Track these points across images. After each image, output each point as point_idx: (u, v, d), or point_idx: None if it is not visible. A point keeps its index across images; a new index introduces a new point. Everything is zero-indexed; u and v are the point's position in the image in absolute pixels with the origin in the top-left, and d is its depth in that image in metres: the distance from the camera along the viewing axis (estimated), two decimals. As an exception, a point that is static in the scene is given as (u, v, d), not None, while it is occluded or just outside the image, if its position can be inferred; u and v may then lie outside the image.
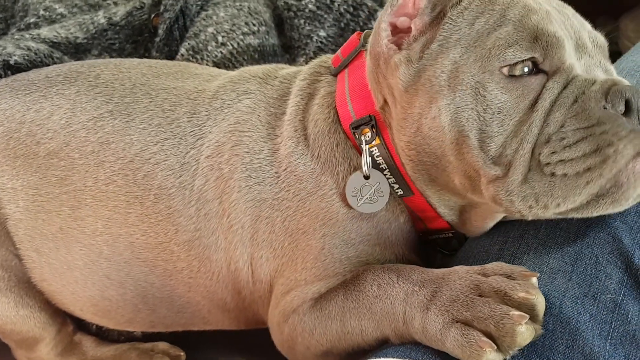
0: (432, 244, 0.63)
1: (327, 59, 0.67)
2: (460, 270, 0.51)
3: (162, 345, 0.76)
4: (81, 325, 0.79)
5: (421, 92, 0.53)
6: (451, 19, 0.53)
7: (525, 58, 0.49)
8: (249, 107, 0.64)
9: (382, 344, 0.55)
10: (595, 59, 0.52)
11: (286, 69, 0.69)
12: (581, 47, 0.52)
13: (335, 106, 0.61)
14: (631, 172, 0.46)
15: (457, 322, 0.47)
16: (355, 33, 0.63)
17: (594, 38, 0.54)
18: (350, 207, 0.58)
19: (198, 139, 0.64)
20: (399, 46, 0.55)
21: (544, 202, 0.48)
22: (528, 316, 0.45)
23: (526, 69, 0.49)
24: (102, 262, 0.66)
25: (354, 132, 0.59)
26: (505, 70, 0.49)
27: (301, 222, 0.59)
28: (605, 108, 0.47)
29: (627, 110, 0.47)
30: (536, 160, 0.48)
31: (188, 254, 0.63)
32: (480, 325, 0.46)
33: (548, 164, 0.47)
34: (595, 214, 0.48)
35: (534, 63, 0.50)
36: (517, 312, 0.45)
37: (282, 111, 0.63)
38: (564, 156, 0.47)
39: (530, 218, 0.49)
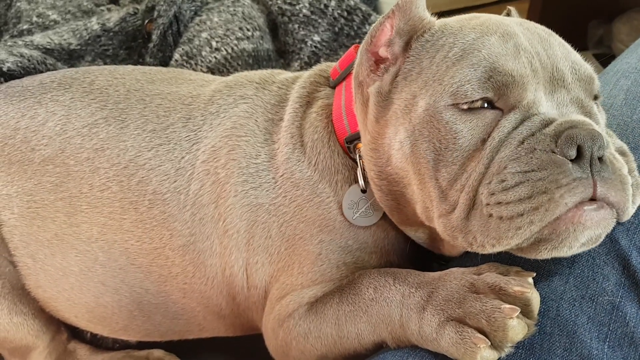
0: (428, 254, 0.63)
1: (327, 67, 0.67)
2: (456, 271, 0.51)
3: (157, 352, 0.75)
4: (75, 333, 0.78)
5: (390, 123, 0.53)
6: (415, 51, 0.53)
7: (476, 98, 0.48)
8: (246, 112, 0.64)
9: (378, 349, 0.54)
10: (572, 94, 0.50)
11: (283, 75, 0.69)
12: (557, 80, 0.49)
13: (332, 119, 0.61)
14: (570, 221, 0.44)
15: (452, 320, 0.47)
16: (353, 46, 0.63)
17: (578, 70, 0.51)
18: None
19: (193, 144, 0.64)
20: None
21: (481, 240, 0.47)
22: (519, 309, 0.45)
23: (486, 105, 0.49)
24: (98, 268, 0.66)
25: (348, 147, 0.59)
26: (462, 105, 0.49)
27: (298, 228, 0.59)
28: (554, 152, 0.45)
29: (578, 157, 0.44)
30: (479, 199, 0.47)
31: (183, 259, 0.63)
32: (472, 321, 0.46)
33: (488, 204, 0.46)
34: (539, 257, 0.46)
35: (490, 101, 0.49)
36: (508, 306, 0.45)
37: (280, 117, 0.63)
38: (501, 198, 0.45)
39: (480, 252, 0.48)
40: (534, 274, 0.48)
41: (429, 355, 0.49)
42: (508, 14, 0.63)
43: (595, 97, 0.53)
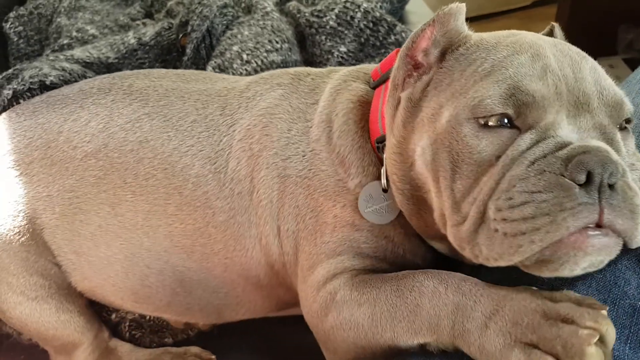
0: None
1: (367, 68, 0.69)
2: (525, 291, 0.49)
3: (194, 349, 0.78)
4: (115, 333, 0.81)
5: (416, 129, 0.55)
6: (448, 62, 0.54)
7: (495, 114, 0.49)
8: (281, 95, 0.67)
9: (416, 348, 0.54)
10: (596, 119, 0.49)
11: (317, 69, 0.72)
12: (582, 104, 0.49)
13: (368, 117, 0.63)
14: (571, 246, 0.44)
15: (521, 343, 0.46)
16: (395, 50, 0.64)
17: (606, 96, 0.50)
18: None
19: (230, 126, 0.68)
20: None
21: (486, 254, 0.48)
22: (598, 335, 0.44)
23: (506, 121, 0.49)
24: (143, 253, 0.69)
25: (378, 146, 0.61)
26: (481, 120, 0.49)
27: (319, 201, 0.62)
28: (563, 176, 0.45)
29: (588, 182, 0.45)
30: (488, 213, 0.48)
31: (224, 234, 0.66)
32: (546, 346, 0.45)
33: (494, 219, 0.47)
34: (543, 276, 0.47)
35: (509, 118, 0.49)
36: (586, 331, 0.44)
37: (314, 101, 0.66)
38: (506, 215, 0.46)
39: (486, 264, 0.49)
40: (607, 307, 0.46)
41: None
42: (551, 30, 0.63)
43: (628, 121, 0.52)
